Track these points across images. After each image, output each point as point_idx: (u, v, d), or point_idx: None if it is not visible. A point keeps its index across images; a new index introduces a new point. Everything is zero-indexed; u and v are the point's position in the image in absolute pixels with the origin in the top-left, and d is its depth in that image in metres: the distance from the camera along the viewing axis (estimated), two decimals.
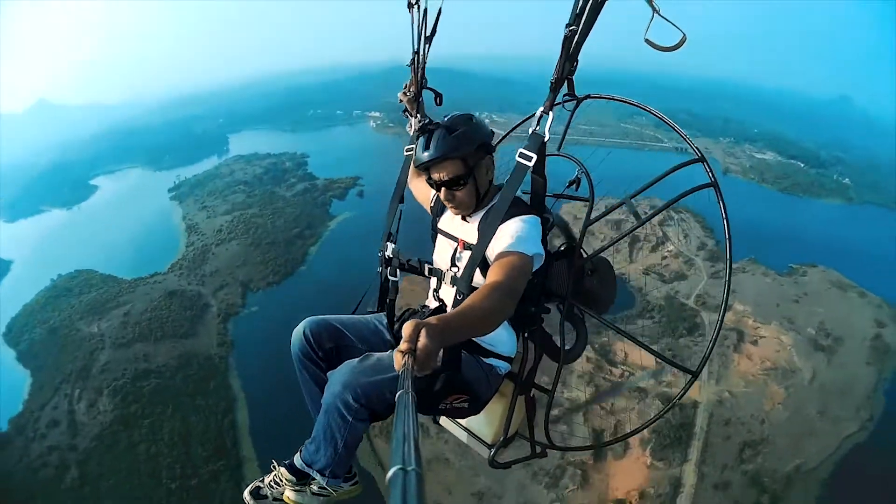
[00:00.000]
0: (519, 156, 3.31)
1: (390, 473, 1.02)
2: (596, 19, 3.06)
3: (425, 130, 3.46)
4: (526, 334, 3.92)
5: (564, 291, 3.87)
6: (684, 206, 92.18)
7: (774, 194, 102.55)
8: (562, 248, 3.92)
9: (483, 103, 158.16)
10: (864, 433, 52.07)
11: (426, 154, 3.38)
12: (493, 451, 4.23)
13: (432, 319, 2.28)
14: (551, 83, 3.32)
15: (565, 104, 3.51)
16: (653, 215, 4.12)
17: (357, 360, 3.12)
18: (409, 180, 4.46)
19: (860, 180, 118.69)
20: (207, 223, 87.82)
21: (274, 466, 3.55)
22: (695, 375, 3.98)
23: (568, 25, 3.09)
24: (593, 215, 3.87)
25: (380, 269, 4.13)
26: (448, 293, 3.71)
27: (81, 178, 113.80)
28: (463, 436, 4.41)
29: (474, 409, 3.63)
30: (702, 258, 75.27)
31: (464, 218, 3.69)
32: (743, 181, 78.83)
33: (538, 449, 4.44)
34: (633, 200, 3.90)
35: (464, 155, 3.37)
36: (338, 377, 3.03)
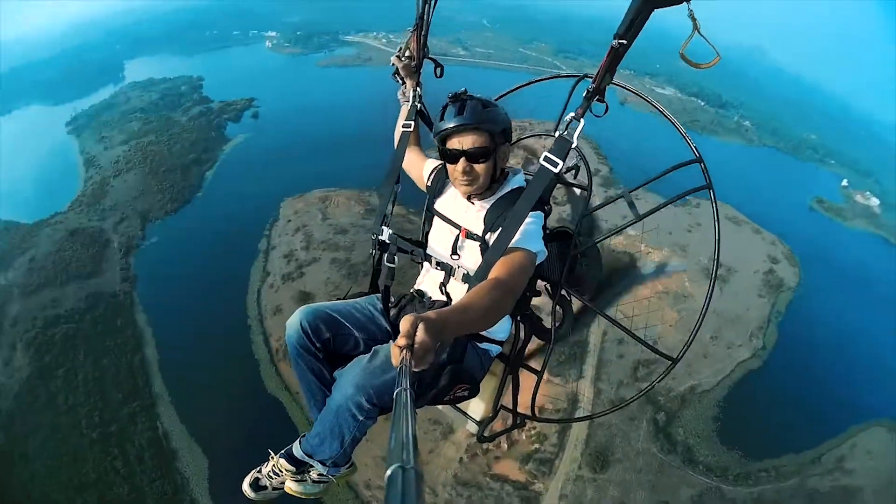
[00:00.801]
0: (544, 159, 3.45)
1: (389, 471, 1.06)
2: (640, 32, 3.18)
3: (458, 99, 3.51)
4: (518, 317, 4.09)
5: (557, 278, 4.11)
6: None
7: (672, 129, 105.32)
8: (556, 231, 4.10)
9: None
10: (758, 360, 56.19)
11: (458, 120, 3.44)
12: (482, 427, 4.46)
13: (431, 314, 2.37)
14: (588, 91, 3.51)
15: (593, 110, 3.57)
16: (651, 212, 4.27)
17: (366, 358, 3.26)
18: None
19: (762, 124, 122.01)
20: (105, 155, 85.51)
21: (272, 457, 3.83)
22: (674, 362, 4.54)
23: (617, 37, 3.20)
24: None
25: (372, 252, 4.15)
26: (457, 289, 3.83)
27: None
28: (453, 413, 4.63)
29: (472, 395, 3.79)
30: (594, 184, 77.80)
31: (470, 199, 3.80)
32: (641, 113, 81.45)
33: (519, 420, 4.74)
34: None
35: (492, 131, 3.49)
36: (349, 378, 3.18)
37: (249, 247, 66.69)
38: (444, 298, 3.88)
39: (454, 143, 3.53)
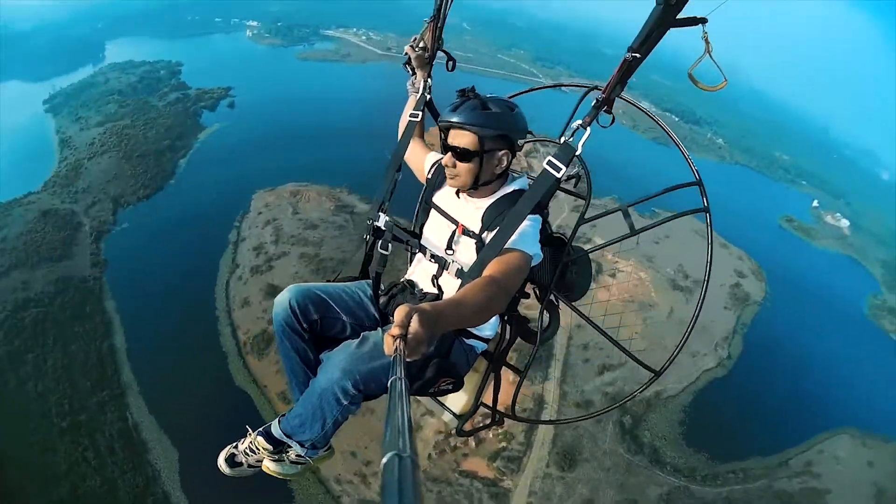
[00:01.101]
0: (547, 164, 3.53)
1: (385, 459, 1.07)
2: (654, 47, 3.27)
3: (465, 95, 3.60)
4: (505, 317, 4.14)
5: (548, 282, 4.14)
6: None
7: (645, 142, 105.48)
8: (550, 237, 4.13)
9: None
10: (723, 369, 57.81)
11: (452, 116, 3.53)
12: (461, 422, 4.49)
13: (426, 306, 2.42)
14: (597, 101, 3.61)
15: (599, 120, 3.68)
16: (646, 228, 4.38)
17: (355, 343, 3.31)
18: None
19: (735, 142, 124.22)
20: (80, 136, 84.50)
21: (249, 433, 3.85)
22: (657, 374, 4.62)
23: (631, 50, 3.29)
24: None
25: (367, 237, 4.15)
26: (450, 283, 3.86)
27: None
28: (433, 405, 4.62)
29: (456, 389, 3.84)
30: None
31: (457, 194, 3.89)
32: (618, 125, 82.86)
33: (497, 418, 4.83)
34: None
35: (482, 135, 3.49)
36: (336, 362, 3.22)
37: (219, 238, 66.87)
38: (435, 291, 3.93)
39: (450, 137, 3.62)
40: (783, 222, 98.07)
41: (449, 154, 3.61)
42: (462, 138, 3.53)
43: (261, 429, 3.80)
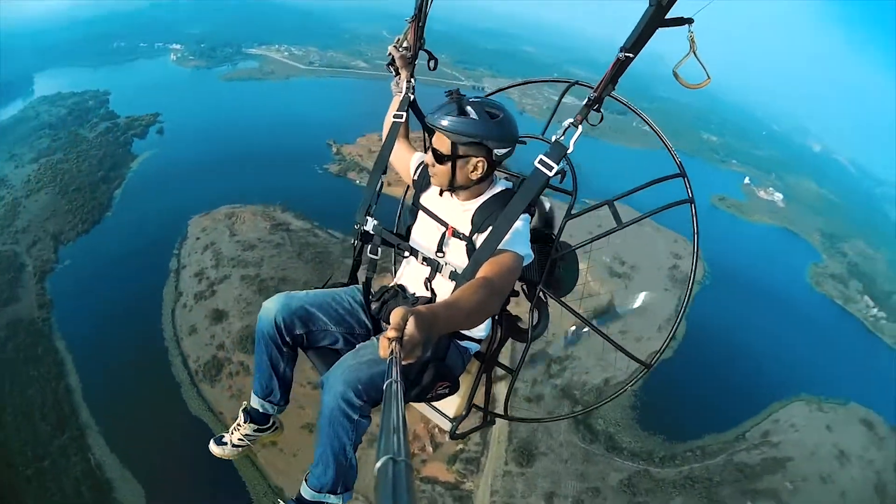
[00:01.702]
0: (539, 162, 3.51)
1: (379, 464, 1.03)
2: (643, 46, 3.29)
3: (452, 98, 3.51)
4: (496, 316, 4.07)
5: (537, 279, 4.11)
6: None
7: (582, 138, 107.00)
8: (536, 234, 4.09)
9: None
10: (669, 351, 58.41)
11: (431, 118, 3.52)
12: (455, 424, 4.43)
13: (421, 308, 2.40)
14: (589, 99, 3.62)
15: (589, 119, 3.68)
16: (633, 221, 4.46)
17: (351, 354, 3.31)
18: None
19: (660, 127, 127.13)
20: (16, 174, 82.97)
21: None
22: (648, 367, 4.49)
23: (623, 50, 3.30)
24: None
25: (354, 243, 4.10)
26: (443, 286, 3.76)
27: None
28: (426, 410, 4.53)
29: (452, 392, 3.76)
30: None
31: (441, 193, 3.85)
32: (537, 120, 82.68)
33: (489, 418, 4.77)
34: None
35: (454, 140, 3.44)
36: (336, 377, 3.15)
37: (160, 266, 66.96)
38: (428, 294, 3.84)
39: (433, 138, 3.62)
40: (716, 201, 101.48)
41: (429, 153, 3.62)
42: (439, 141, 3.53)
43: (290, 499, 3.55)
